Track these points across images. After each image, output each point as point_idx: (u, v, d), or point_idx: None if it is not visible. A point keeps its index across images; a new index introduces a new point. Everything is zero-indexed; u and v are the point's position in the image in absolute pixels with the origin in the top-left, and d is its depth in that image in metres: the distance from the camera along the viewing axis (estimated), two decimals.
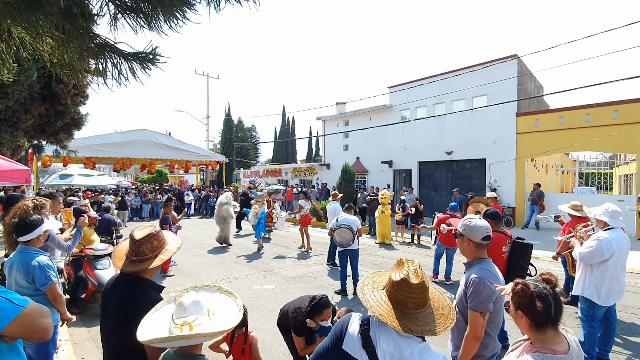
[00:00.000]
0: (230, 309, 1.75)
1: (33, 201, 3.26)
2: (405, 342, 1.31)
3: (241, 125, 46.54)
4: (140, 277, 1.91)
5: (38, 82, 5.53)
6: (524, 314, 1.45)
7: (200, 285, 1.89)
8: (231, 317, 1.69)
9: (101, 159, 18.87)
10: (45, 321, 1.37)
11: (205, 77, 26.76)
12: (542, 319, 1.41)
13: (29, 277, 2.64)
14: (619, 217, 3.60)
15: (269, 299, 5.62)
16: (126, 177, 38.77)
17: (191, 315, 1.54)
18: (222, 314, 1.69)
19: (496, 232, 3.76)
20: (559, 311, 1.41)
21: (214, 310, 1.67)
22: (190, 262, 8.48)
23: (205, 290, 1.87)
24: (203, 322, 1.55)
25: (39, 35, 2.36)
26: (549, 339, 1.42)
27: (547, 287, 1.45)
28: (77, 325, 4.87)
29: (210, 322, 1.59)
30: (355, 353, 1.34)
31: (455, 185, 15.39)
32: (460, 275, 6.93)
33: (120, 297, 1.88)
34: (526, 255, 3.61)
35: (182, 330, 1.50)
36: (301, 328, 2.79)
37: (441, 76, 16.28)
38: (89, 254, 5.35)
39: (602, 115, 11.91)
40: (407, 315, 1.33)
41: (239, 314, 1.71)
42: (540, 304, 1.40)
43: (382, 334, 1.34)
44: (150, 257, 1.92)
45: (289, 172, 27.19)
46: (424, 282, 1.34)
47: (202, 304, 1.61)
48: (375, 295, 1.44)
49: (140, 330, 1.58)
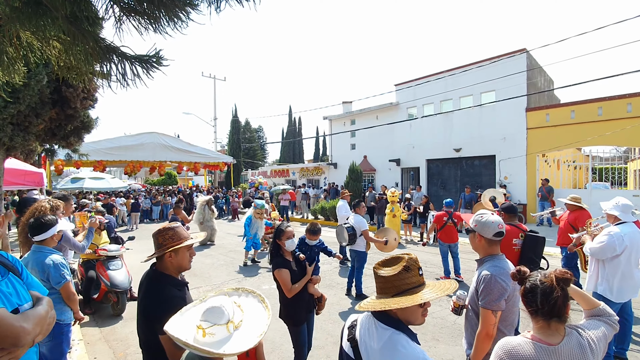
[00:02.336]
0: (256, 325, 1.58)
1: (49, 202, 3.35)
2: (382, 332, 1.37)
3: (248, 126, 46.79)
4: (161, 273, 2.01)
5: (48, 86, 5.64)
6: (525, 304, 1.53)
7: (233, 288, 1.78)
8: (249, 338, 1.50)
9: (112, 162, 19.17)
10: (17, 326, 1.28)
11: (212, 79, 27.00)
12: (528, 304, 1.50)
13: (43, 276, 2.70)
14: (630, 211, 3.50)
15: (277, 299, 5.63)
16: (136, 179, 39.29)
17: (207, 321, 1.44)
18: (244, 332, 1.52)
19: (510, 224, 3.71)
20: (547, 305, 1.42)
21: (238, 325, 1.52)
22: (199, 262, 8.55)
23: (239, 294, 1.74)
24: (217, 333, 1.43)
25: (46, 39, 2.40)
26: (540, 329, 1.46)
27: (543, 281, 1.46)
28: (89, 325, 4.96)
29: (226, 337, 1.45)
30: (345, 346, 1.49)
31: (465, 182, 15.24)
32: (468, 272, 6.85)
33: (143, 290, 2.03)
34: (538, 248, 3.55)
35: (197, 333, 1.43)
36: (277, 261, 3.05)
37: (448, 72, 16.11)
38: (102, 254, 5.44)
39: (615, 108, 11.65)
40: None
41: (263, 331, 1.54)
42: (525, 290, 1.50)
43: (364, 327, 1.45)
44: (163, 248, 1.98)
45: (296, 172, 27.25)
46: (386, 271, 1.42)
47: (224, 314, 1.47)
48: None
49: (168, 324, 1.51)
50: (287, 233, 3.05)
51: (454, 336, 4.33)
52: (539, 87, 14.90)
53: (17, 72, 2.51)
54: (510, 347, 1.46)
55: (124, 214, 15.74)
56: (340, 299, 5.73)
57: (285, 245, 3.05)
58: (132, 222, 15.24)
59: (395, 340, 1.33)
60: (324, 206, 15.47)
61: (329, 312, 4.98)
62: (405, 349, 1.30)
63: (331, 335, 4.39)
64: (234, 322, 1.50)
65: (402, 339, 1.33)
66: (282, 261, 3.04)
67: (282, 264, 3.01)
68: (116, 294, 5.22)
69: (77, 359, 3.88)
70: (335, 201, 15.40)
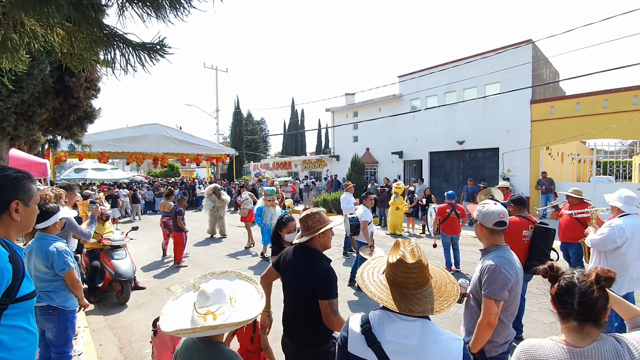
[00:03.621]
0: (251, 296, 1.73)
1: (53, 191, 3.38)
2: (411, 327, 1.28)
3: (250, 118, 46.67)
4: (314, 250, 2.28)
5: (51, 75, 5.63)
6: (552, 297, 1.36)
7: (219, 272, 1.89)
8: (254, 304, 1.66)
9: (114, 153, 19.20)
10: None
11: (214, 71, 26.84)
12: (561, 306, 1.30)
13: (47, 263, 2.72)
14: (634, 203, 3.49)
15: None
16: (139, 171, 39.43)
17: (215, 304, 1.52)
18: (245, 302, 1.67)
19: (519, 216, 3.71)
20: (585, 307, 1.23)
21: (236, 298, 1.65)
22: (202, 253, 8.62)
23: (226, 277, 1.86)
24: (226, 311, 1.54)
25: (50, 26, 2.39)
26: (570, 332, 1.28)
27: (581, 279, 1.28)
28: (95, 313, 5.03)
29: (233, 311, 1.56)
30: (363, 353, 1.31)
31: (467, 175, 15.18)
32: (468, 264, 6.88)
33: (306, 263, 2.24)
34: (549, 240, 3.55)
35: (206, 320, 1.48)
36: (276, 249, 3.13)
37: (452, 64, 15.94)
38: (106, 244, 5.49)
39: (621, 100, 11.52)
40: (407, 297, 1.30)
41: (261, 300, 1.69)
42: (558, 290, 1.30)
43: (386, 327, 1.31)
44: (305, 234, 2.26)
45: (298, 164, 27.23)
46: (421, 260, 1.31)
47: (224, 292, 1.59)
48: (375, 279, 1.42)
49: (163, 320, 1.57)
50: (288, 227, 3.16)
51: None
52: (544, 79, 14.73)
53: (21, 59, 2.50)
54: (528, 346, 1.34)
55: (127, 205, 15.84)
56: (343, 290, 5.76)
57: (285, 238, 3.15)
58: (134, 213, 15.34)
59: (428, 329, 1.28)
60: (325, 198, 15.49)
61: None
62: (443, 334, 1.28)
63: None
64: (232, 297, 1.62)
65: (431, 325, 1.30)
66: (280, 250, 3.08)
67: (279, 252, 3.05)
68: (120, 283, 5.29)
69: (84, 345, 3.94)
70: (337, 193, 15.43)
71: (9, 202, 1.38)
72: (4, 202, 1.37)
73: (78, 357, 3.65)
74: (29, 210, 1.45)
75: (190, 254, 8.27)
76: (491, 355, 2.13)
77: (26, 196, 1.44)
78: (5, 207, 1.38)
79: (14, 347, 1.31)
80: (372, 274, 1.46)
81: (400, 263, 1.31)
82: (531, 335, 4.03)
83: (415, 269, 1.30)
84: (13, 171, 1.42)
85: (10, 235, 1.42)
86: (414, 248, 1.35)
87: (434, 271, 1.45)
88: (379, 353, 1.26)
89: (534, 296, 5.22)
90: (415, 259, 1.30)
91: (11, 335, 1.31)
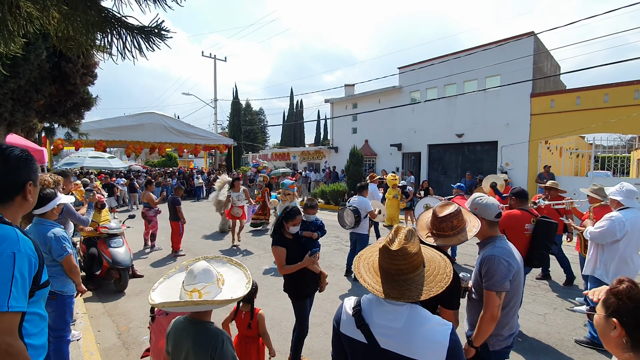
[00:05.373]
0: (239, 280, 1.80)
1: (51, 177, 3.36)
2: (398, 310, 1.30)
3: (249, 109, 46.37)
4: None
5: (48, 61, 5.56)
6: (620, 324, 1.03)
7: (211, 256, 1.94)
8: (240, 287, 1.73)
9: (112, 142, 19.07)
10: None
11: (213, 59, 26.52)
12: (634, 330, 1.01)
13: (45, 248, 2.72)
14: (634, 197, 3.50)
15: (277, 278, 5.71)
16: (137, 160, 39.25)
17: (201, 282, 1.59)
18: (232, 284, 1.73)
19: (521, 209, 3.72)
20: None
21: (224, 280, 1.72)
22: (200, 242, 8.64)
23: (217, 262, 1.92)
24: (212, 291, 1.61)
25: (46, 8, 2.34)
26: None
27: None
28: (93, 300, 5.05)
29: (219, 291, 1.64)
30: (353, 334, 1.37)
31: (466, 168, 15.20)
32: (464, 256, 6.93)
33: None
34: (550, 233, 3.55)
35: (192, 297, 1.55)
36: (277, 238, 3.11)
37: (453, 56, 15.82)
38: (103, 232, 5.48)
39: (622, 95, 11.49)
40: (390, 282, 1.32)
41: (247, 285, 1.75)
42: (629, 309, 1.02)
43: (375, 310, 1.35)
44: (448, 235, 1.95)
45: (297, 155, 27.17)
46: (405, 248, 1.30)
47: (212, 273, 1.65)
48: (368, 267, 1.44)
49: (153, 293, 1.65)
50: (295, 220, 3.11)
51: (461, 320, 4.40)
52: (545, 73, 14.65)
53: (16, 42, 2.46)
54: None
55: (125, 194, 15.80)
56: (339, 280, 5.82)
57: (289, 229, 3.12)
58: (132, 202, 15.32)
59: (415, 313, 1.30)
60: (324, 190, 15.49)
61: (327, 291, 5.03)
62: (431, 320, 1.29)
63: (329, 313, 4.48)
64: (219, 279, 1.68)
65: (419, 310, 1.31)
66: (281, 239, 3.11)
67: (280, 242, 3.09)
68: (118, 270, 5.30)
69: (83, 330, 3.97)
70: (336, 185, 15.43)
71: (25, 183, 1.35)
72: (19, 185, 1.34)
73: (77, 342, 3.68)
74: (36, 190, 1.44)
75: (188, 243, 8.28)
76: (494, 349, 2.09)
77: (35, 176, 1.41)
78: (21, 189, 1.35)
79: (32, 333, 1.36)
80: (367, 261, 1.48)
81: (384, 249, 1.33)
82: (526, 326, 4.09)
83: (398, 256, 1.30)
84: (19, 150, 1.37)
85: (16, 220, 1.40)
86: (407, 235, 1.34)
87: (431, 259, 1.44)
88: (367, 334, 1.31)
89: (529, 288, 5.27)
90: (399, 247, 1.30)
91: (31, 322, 1.35)
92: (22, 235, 1.30)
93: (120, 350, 3.73)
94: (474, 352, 2.05)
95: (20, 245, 1.26)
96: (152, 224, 7.82)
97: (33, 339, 1.36)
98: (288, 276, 3.15)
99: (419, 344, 1.24)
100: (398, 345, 1.26)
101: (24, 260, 1.25)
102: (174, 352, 1.73)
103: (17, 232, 1.29)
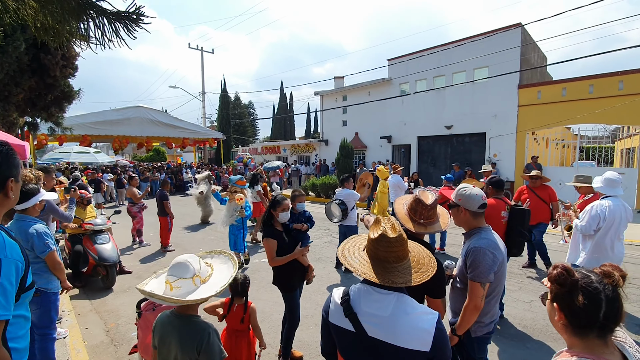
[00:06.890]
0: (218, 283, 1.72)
1: (32, 172, 3.26)
2: (385, 299, 1.33)
3: (238, 102, 45.84)
4: None
5: (26, 53, 5.38)
6: (559, 309, 1.06)
7: (217, 252, 1.91)
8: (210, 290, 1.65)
9: (97, 137, 18.62)
10: None
11: (200, 52, 26.04)
12: (582, 320, 1.02)
13: (27, 245, 2.65)
14: (616, 186, 3.57)
15: (268, 272, 5.69)
16: (124, 156, 38.53)
17: (173, 275, 1.59)
18: (210, 285, 1.69)
19: (496, 198, 3.77)
20: (612, 317, 1.00)
21: (205, 280, 1.68)
22: (190, 237, 8.56)
23: (219, 258, 1.90)
24: (183, 286, 1.58)
25: None
26: (593, 348, 1.02)
27: (602, 281, 1.02)
28: (80, 297, 4.97)
29: (194, 288, 1.60)
30: (341, 323, 1.39)
31: (455, 159, 15.34)
32: (452, 246, 7.02)
33: None
34: (524, 221, 3.61)
35: (166, 287, 1.56)
36: (267, 230, 3.08)
37: (442, 47, 15.85)
38: (88, 229, 5.37)
39: (606, 86, 11.69)
40: (388, 270, 1.35)
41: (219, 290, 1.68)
42: (583, 300, 1.00)
43: (363, 299, 1.37)
44: (434, 222, 2.09)
45: (287, 148, 27.03)
46: (402, 235, 1.36)
47: (189, 268, 1.62)
48: (357, 255, 1.45)
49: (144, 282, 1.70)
50: (283, 205, 3.10)
51: None
52: (532, 64, 14.80)
53: None
54: None
55: (112, 190, 15.52)
56: (330, 272, 5.84)
57: (279, 217, 3.10)
58: (119, 198, 15.07)
59: (402, 301, 1.33)
60: (314, 182, 15.46)
61: (317, 284, 5.06)
62: (417, 308, 1.32)
63: (319, 305, 4.49)
64: (200, 277, 1.64)
65: (406, 298, 1.34)
66: (272, 231, 3.08)
67: (271, 234, 3.05)
68: (105, 267, 5.21)
69: (69, 328, 3.90)
70: (325, 178, 15.39)
71: (6, 180, 1.28)
72: (1, 182, 1.27)
73: (63, 340, 3.61)
74: (18, 186, 1.36)
75: (178, 239, 8.19)
76: (477, 336, 2.14)
77: (17, 171, 1.34)
78: (2, 186, 1.27)
79: (17, 336, 1.32)
80: (352, 251, 1.49)
81: (382, 238, 1.35)
82: (512, 313, 4.17)
83: (397, 242, 1.35)
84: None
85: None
86: (395, 224, 1.40)
87: (411, 247, 1.49)
88: (355, 322, 1.33)
89: (515, 276, 5.37)
90: (396, 234, 1.35)
91: (16, 324, 1.31)
92: (9, 239, 1.24)
93: (108, 347, 3.68)
94: (457, 339, 2.10)
95: (7, 251, 1.21)
96: (136, 220, 7.68)
97: (18, 342, 1.33)
98: (277, 269, 3.14)
99: (405, 332, 1.26)
100: (385, 333, 1.28)
101: (10, 266, 1.20)
102: (160, 347, 1.71)
103: (4, 236, 1.23)
